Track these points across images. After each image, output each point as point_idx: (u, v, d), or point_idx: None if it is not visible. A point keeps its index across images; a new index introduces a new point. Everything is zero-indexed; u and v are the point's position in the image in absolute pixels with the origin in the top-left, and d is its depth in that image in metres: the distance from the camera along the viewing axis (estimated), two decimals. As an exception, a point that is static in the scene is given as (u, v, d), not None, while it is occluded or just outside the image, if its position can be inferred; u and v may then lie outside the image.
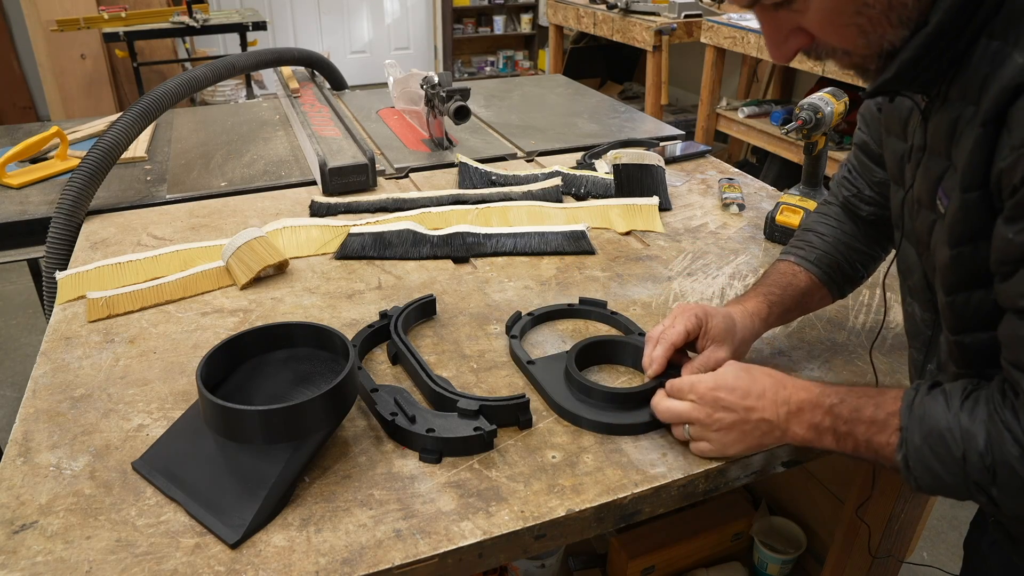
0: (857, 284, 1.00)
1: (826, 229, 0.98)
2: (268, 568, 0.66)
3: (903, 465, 0.68)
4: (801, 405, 0.75)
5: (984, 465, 0.63)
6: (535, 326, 1.05)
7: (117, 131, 1.35)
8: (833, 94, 1.22)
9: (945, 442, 0.65)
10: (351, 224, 1.29)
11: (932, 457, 0.66)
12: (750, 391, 0.77)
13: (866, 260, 0.98)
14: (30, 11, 3.99)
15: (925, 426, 0.66)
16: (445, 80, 1.59)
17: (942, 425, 0.65)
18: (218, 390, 0.80)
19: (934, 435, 0.65)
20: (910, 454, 0.67)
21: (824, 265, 0.96)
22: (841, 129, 3.32)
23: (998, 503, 0.64)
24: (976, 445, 0.63)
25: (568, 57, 5.13)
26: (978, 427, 0.64)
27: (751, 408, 0.76)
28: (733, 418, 0.77)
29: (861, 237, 0.97)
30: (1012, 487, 0.62)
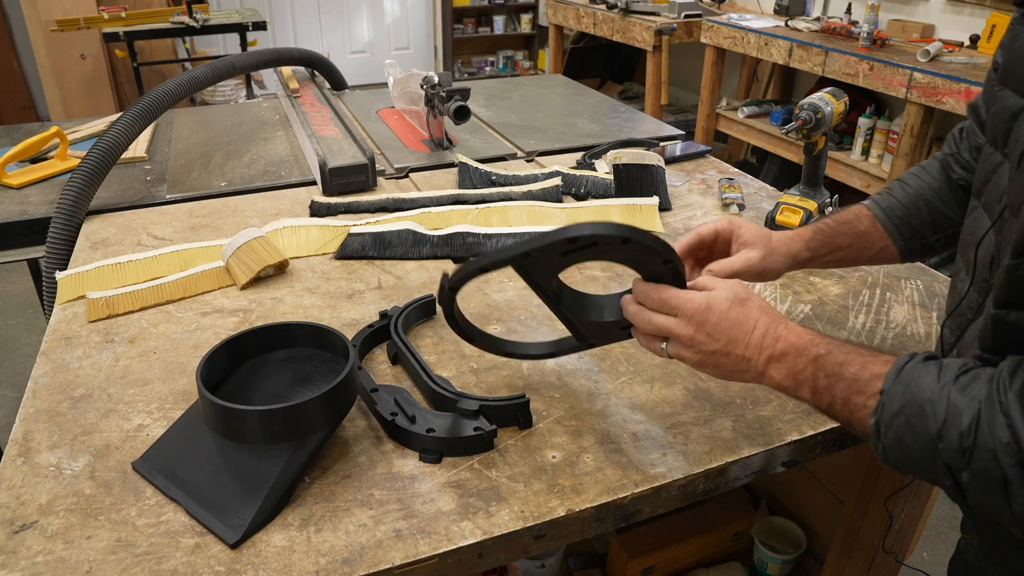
0: (933, 251, 0.93)
1: (914, 181, 0.93)
2: (268, 568, 0.66)
3: (873, 431, 0.63)
4: (786, 350, 0.69)
5: (961, 447, 0.57)
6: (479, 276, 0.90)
7: (117, 131, 1.35)
8: (833, 94, 1.22)
9: (924, 414, 0.59)
10: (351, 224, 1.29)
11: (905, 428, 0.61)
12: (740, 323, 0.71)
13: (947, 224, 0.90)
14: (30, 11, 3.99)
15: (908, 394, 0.61)
16: (445, 80, 1.59)
17: (925, 396, 0.60)
18: (218, 390, 0.80)
19: (914, 405, 0.60)
20: (883, 420, 0.62)
21: (894, 215, 0.91)
22: (841, 129, 3.33)
23: (965, 491, 0.58)
24: (958, 423, 0.57)
25: (568, 57, 5.13)
26: (968, 404, 0.58)
27: (735, 341, 0.71)
28: (714, 347, 0.71)
29: (949, 200, 0.90)
30: (987, 477, 0.56)
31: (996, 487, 0.55)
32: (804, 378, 0.68)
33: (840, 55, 3.10)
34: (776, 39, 3.40)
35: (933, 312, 1.09)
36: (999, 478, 0.55)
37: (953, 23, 3.26)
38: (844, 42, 3.23)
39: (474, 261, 0.77)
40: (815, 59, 3.22)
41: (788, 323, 0.71)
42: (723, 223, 0.88)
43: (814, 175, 1.29)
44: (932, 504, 1.14)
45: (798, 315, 1.08)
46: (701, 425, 0.85)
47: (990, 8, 3.06)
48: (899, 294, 1.14)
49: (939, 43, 2.95)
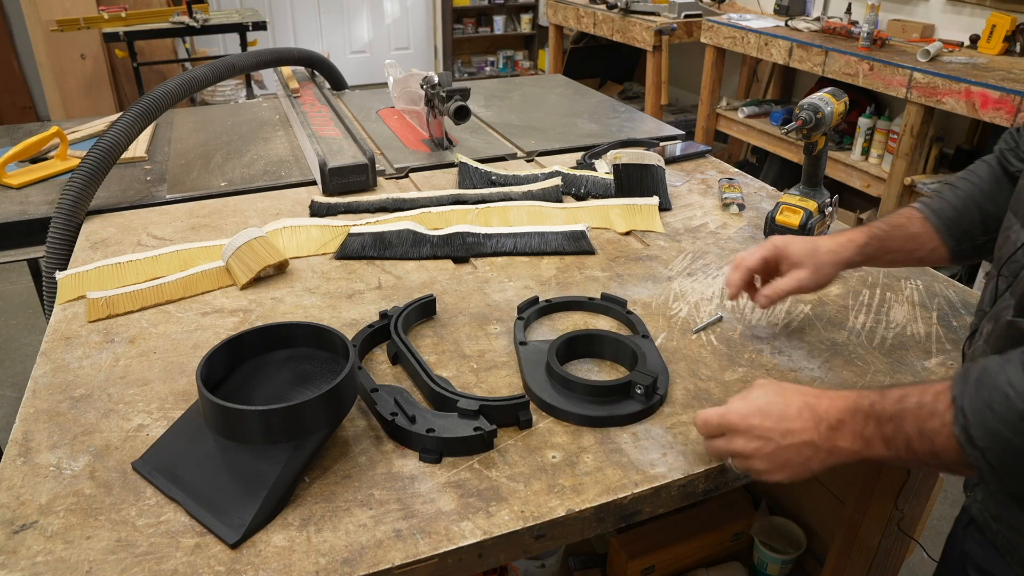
0: (981, 252, 0.93)
1: (963, 185, 0.94)
2: (268, 568, 0.66)
3: (964, 440, 0.59)
4: (841, 415, 0.69)
5: None
6: (549, 314, 1.07)
7: (117, 131, 1.35)
8: (833, 94, 1.22)
9: (1007, 396, 0.57)
10: (351, 224, 1.29)
11: (994, 419, 0.57)
12: (785, 414, 0.71)
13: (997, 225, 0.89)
14: (30, 11, 3.99)
15: (983, 387, 0.59)
16: (445, 80, 1.59)
17: (1000, 379, 0.58)
18: (218, 390, 0.80)
19: (994, 391, 0.58)
20: (970, 424, 0.59)
21: (945, 216, 0.92)
22: (841, 129, 3.33)
23: None
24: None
25: (568, 57, 5.13)
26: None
27: (789, 432, 0.70)
28: (772, 447, 0.71)
29: (1001, 199, 0.90)
30: None
31: None
32: (870, 434, 0.67)
33: (840, 55, 3.10)
34: (776, 39, 3.40)
35: (933, 312, 1.09)
36: None
37: (953, 23, 3.26)
38: (844, 42, 3.23)
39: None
40: (815, 59, 3.22)
41: (827, 392, 0.72)
42: (768, 249, 0.93)
43: (814, 175, 1.29)
44: (932, 504, 1.14)
45: (798, 315, 1.08)
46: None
47: (990, 8, 3.06)
48: (899, 294, 1.14)
49: (939, 43, 2.95)
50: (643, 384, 0.86)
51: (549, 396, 0.87)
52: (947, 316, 1.08)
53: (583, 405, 0.85)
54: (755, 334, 1.03)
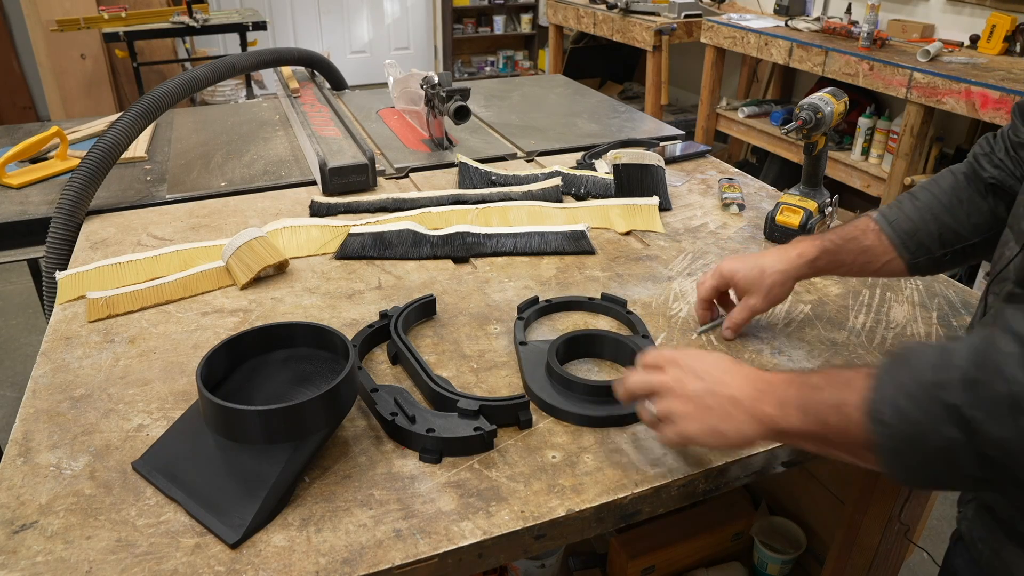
0: (940, 266, 0.92)
1: (924, 196, 0.92)
2: (268, 568, 0.66)
3: (875, 414, 0.57)
4: (774, 382, 0.68)
5: (963, 378, 0.52)
6: (549, 314, 1.07)
7: (117, 131, 1.35)
8: (833, 94, 1.22)
9: (917, 370, 0.55)
10: (351, 224, 1.29)
11: (901, 394, 0.55)
12: (729, 368, 0.72)
13: (955, 239, 0.89)
14: (30, 11, 3.99)
15: (899, 362, 0.57)
16: (445, 80, 1.59)
17: (915, 354, 0.56)
18: (218, 390, 0.80)
19: (905, 366, 0.56)
20: (877, 397, 0.57)
21: (900, 229, 0.91)
22: (841, 129, 3.33)
23: (977, 431, 0.51)
24: (955, 360, 0.53)
25: (568, 57, 5.13)
26: (963, 342, 0.54)
27: (724, 383, 0.70)
28: (701, 387, 0.70)
29: (961, 213, 0.89)
30: (998, 399, 0.50)
31: (1006, 411, 0.49)
32: (791, 401, 0.65)
33: (840, 55, 3.10)
34: (776, 39, 3.40)
35: (933, 312, 1.09)
36: (1006, 396, 0.49)
37: (953, 23, 3.26)
38: (844, 42, 3.23)
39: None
40: (815, 59, 3.22)
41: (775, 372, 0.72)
42: (716, 278, 0.98)
43: (814, 175, 1.29)
44: (932, 504, 1.14)
45: (798, 315, 1.08)
46: (701, 425, 0.85)
47: (990, 8, 3.06)
48: (899, 294, 1.14)
49: (939, 43, 2.95)
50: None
51: (549, 396, 0.87)
52: (947, 316, 1.08)
53: (583, 405, 0.85)
54: (755, 334, 1.03)
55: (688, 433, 0.71)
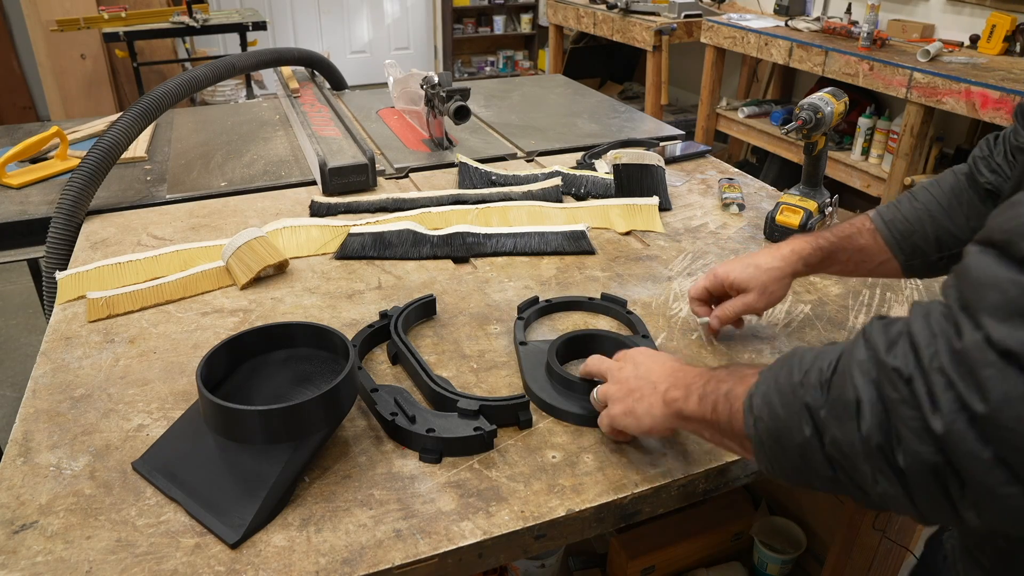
0: (935, 269, 0.91)
1: (923, 196, 0.91)
2: (268, 568, 0.66)
3: (747, 406, 0.60)
4: (690, 372, 0.72)
5: (820, 381, 0.53)
6: (549, 314, 1.07)
7: (117, 131, 1.35)
8: (833, 94, 1.22)
9: (791, 369, 0.56)
10: (351, 224, 1.29)
11: (774, 389, 0.57)
12: (663, 361, 0.76)
13: (952, 243, 0.88)
14: (30, 11, 3.99)
15: (782, 362, 0.59)
16: (445, 80, 1.59)
17: (795, 357, 0.58)
18: (218, 390, 0.80)
19: (784, 365, 0.58)
20: (756, 391, 0.59)
21: (896, 229, 0.90)
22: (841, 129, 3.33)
23: (823, 432, 0.52)
24: (820, 362, 0.54)
25: (568, 57, 5.13)
26: (836, 347, 0.55)
27: (650, 369, 0.75)
28: (631, 372, 0.76)
29: (960, 216, 0.88)
30: (841, 404, 0.51)
31: (848, 414, 0.50)
32: (695, 388, 0.69)
33: (840, 55, 3.10)
34: (776, 39, 3.40)
35: (933, 312, 1.09)
36: (852, 402, 0.50)
37: (953, 23, 3.26)
38: (844, 42, 3.23)
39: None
40: (815, 59, 3.22)
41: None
42: (709, 279, 0.97)
43: (814, 175, 1.29)
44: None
45: (798, 315, 1.08)
46: (701, 425, 0.85)
47: (990, 8, 3.06)
48: (899, 294, 1.14)
49: (939, 43, 2.95)
50: None
51: (549, 396, 0.87)
52: (947, 316, 1.08)
53: (583, 405, 0.85)
54: (755, 334, 1.03)
55: (612, 413, 0.77)
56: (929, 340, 0.47)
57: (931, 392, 0.46)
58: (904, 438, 0.47)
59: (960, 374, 0.45)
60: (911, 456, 0.47)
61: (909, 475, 0.47)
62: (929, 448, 0.46)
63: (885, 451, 0.48)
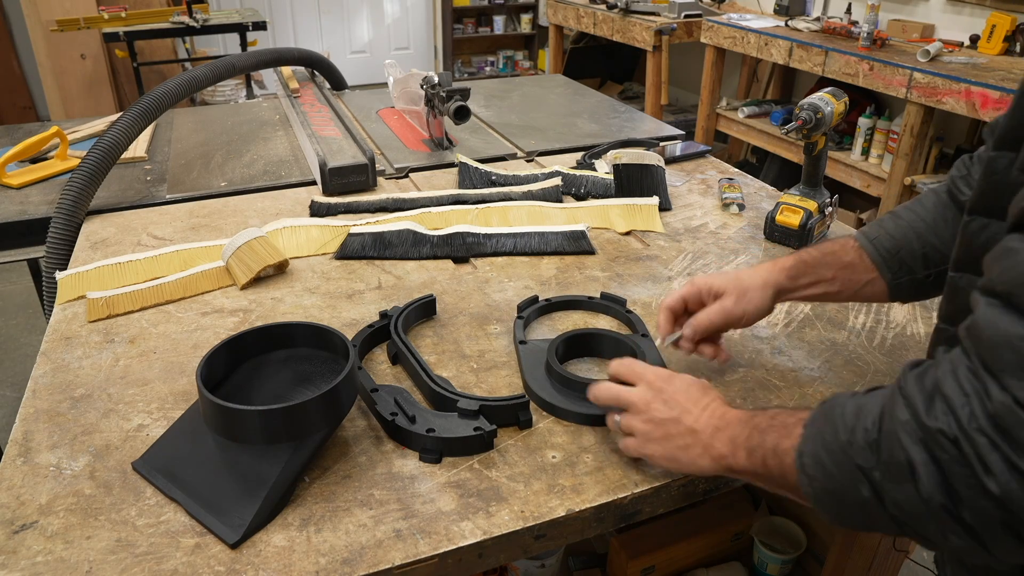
0: (922, 289, 0.88)
1: (906, 215, 0.89)
2: (268, 568, 0.66)
3: (799, 465, 0.60)
4: (728, 420, 0.71)
5: (868, 441, 0.54)
6: (549, 313, 1.07)
7: (117, 131, 1.35)
8: (833, 94, 1.22)
9: (836, 428, 0.57)
10: (351, 224, 1.29)
11: (822, 448, 0.58)
12: (696, 398, 0.74)
13: (939, 259, 0.86)
14: (30, 11, 3.98)
15: (824, 416, 0.60)
16: (445, 80, 1.59)
17: (836, 411, 0.58)
18: (218, 390, 0.80)
19: (828, 422, 0.58)
20: (805, 450, 0.60)
21: (882, 246, 0.88)
22: (841, 129, 3.33)
23: (882, 493, 0.53)
24: (865, 422, 0.55)
25: (568, 57, 5.13)
26: (874, 402, 0.56)
27: (688, 412, 0.73)
28: (667, 415, 0.74)
29: (946, 233, 0.86)
30: (895, 467, 0.52)
31: (904, 475, 0.52)
32: (740, 441, 0.68)
33: (840, 55, 3.10)
34: (776, 39, 3.40)
35: (933, 312, 1.09)
36: (904, 463, 0.51)
37: (953, 23, 3.26)
38: (844, 42, 3.23)
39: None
40: (815, 59, 3.22)
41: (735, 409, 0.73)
42: (686, 288, 0.93)
43: (814, 175, 1.29)
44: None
45: (798, 315, 1.08)
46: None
47: (990, 8, 3.06)
48: (899, 294, 1.14)
49: (939, 43, 2.95)
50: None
51: (549, 395, 0.87)
52: (947, 316, 1.08)
53: (582, 404, 0.85)
54: (755, 334, 1.03)
55: (647, 453, 0.75)
56: (963, 401, 0.49)
57: (979, 454, 0.48)
58: (965, 497, 0.49)
59: (1001, 436, 0.47)
60: (977, 512, 0.49)
61: (979, 529, 0.49)
62: (991, 504, 0.48)
63: (949, 509, 0.50)
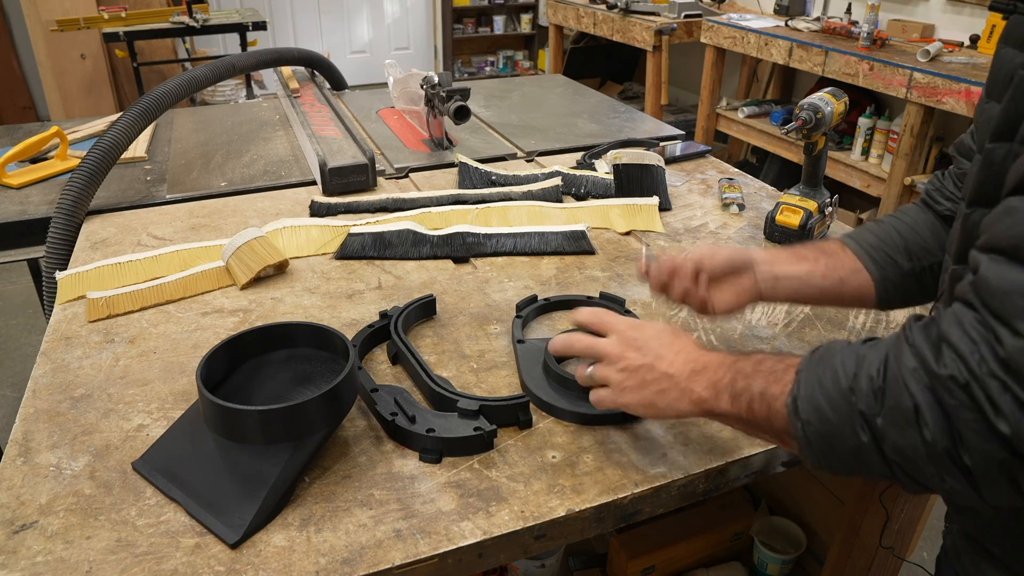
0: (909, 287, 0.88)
1: (887, 219, 0.92)
2: (268, 568, 0.66)
3: (792, 409, 0.61)
4: (707, 363, 0.71)
5: (872, 388, 0.56)
6: (548, 313, 1.07)
7: (117, 131, 1.35)
8: (833, 94, 1.22)
9: (836, 374, 0.59)
10: (351, 224, 1.29)
11: (820, 394, 0.59)
12: (669, 343, 0.74)
13: (923, 253, 0.87)
14: (30, 11, 3.99)
15: (821, 363, 0.61)
16: (445, 80, 1.59)
17: (837, 359, 0.60)
18: (218, 390, 0.80)
19: (827, 368, 0.60)
20: (800, 395, 0.61)
21: (865, 242, 0.90)
22: (841, 129, 3.33)
23: (881, 438, 0.56)
24: (868, 370, 0.57)
25: (568, 57, 5.13)
26: (876, 352, 0.58)
27: (661, 357, 0.72)
28: (641, 361, 0.73)
29: (927, 230, 0.89)
30: (899, 412, 0.54)
31: (908, 421, 0.54)
32: (723, 385, 0.68)
33: (840, 55, 3.10)
34: (776, 39, 3.40)
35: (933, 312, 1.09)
36: (910, 409, 0.53)
37: (953, 23, 3.26)
38: (844, 42, 3.23)
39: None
40: (815, 59, 3.22)
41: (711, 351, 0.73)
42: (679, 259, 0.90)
43: (814, 175, 1.29)
44: (932, 504, 1.14)
45: (798, 315, 1.08)
46: (701, 425, 0.85)
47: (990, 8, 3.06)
48: (899, 294, 1.14)
49: (939, 43, 2.95)
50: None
51: (546, 394, 0.87)
52: (947, 316, 1.08)
53: (580, 403, 0.85)
54: (755, 334, 1.03)
55: (624, 402, 0.74)
56: (971, 348, 0.52)
57: (990, 397, 0.50)
58: (968, 439, 0.51)
59: (1014, 378, 0.49)
60: (978, 455, 0.51)
61: (976, 472, 0.52)
62: (995, 446, 0.50)
63: (951, 453, 0.52)
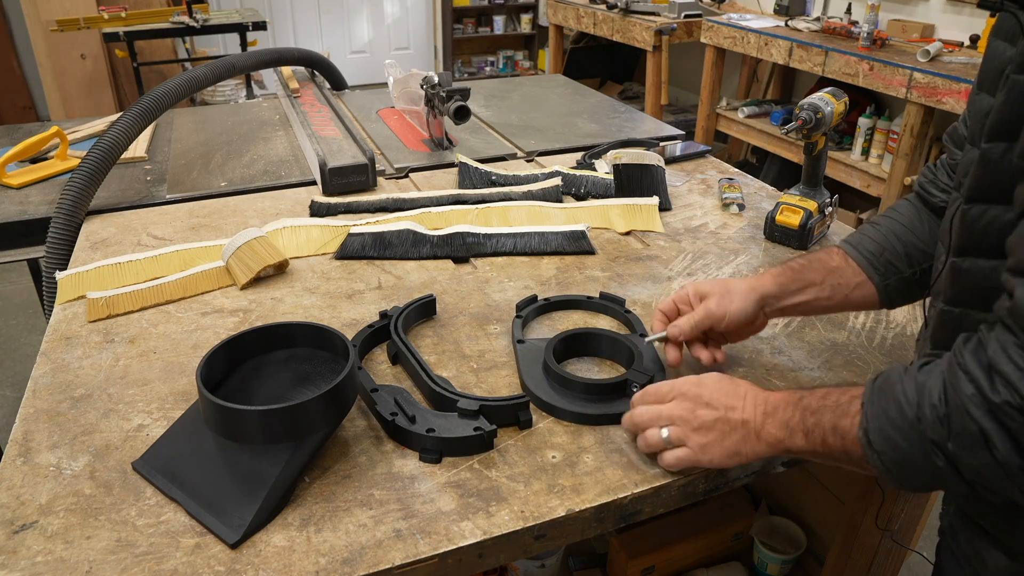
0: (912, 288, 0.90)
1: (884, 221, 0.93)
2: (268, 568, 0.66)
3: (865, 442, 0.64)
4: (776, 404, 0.74)
5: (937, 416, 0.59)
6: (548, 313, 1.07)
7: (117, 131, 1.35)
8: (833, 94, 1.22)
9: (900, 404, 0.62)
10: (351, 224, 1.29)
11: (889, 425, 0.63)
12: (733, 392, 0.77)
13: (922, 257, 0.89)
14: (30, 11, 3.99)
15: (883, 395, 0.64)
16: (445, 80, 1.59)
17: (897, 389, 0.63)
18: (218, 390, 0.80)
19: (890, 400, 0.63)
20: (870, 428, 0.64)
21: (866, 249, 0.91)
22: (841, 129, 3.33)
23: (956, 461, 0.59)
24: (930, 398, 0.60)
25: (568, 57, 5.13)
26: (934, 379, 0.61)
27: (732, 407, 0.75)
28: (714, 416, 0.76)
29: (923, 231, 0.90)
30: (967, 437, 0.58)
31: (978, 444, 0.57)
32: (794, 424, 0.71)
33: (840, 55, 3.10)
34: (776, 39, 3.40)
35: (933, 312, 1.09)
36: (977, 433, 0.57)
37: (953, 23, 3.26)
38: (844, 42, 3.23)
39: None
40: (815, 59, 3.22)
41: (767, 389, 0.77)
42: (679, 292, 0.95)
43: (814, 175, 1.29)
44: (932, 503, 1.14)
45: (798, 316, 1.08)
46: (701, 425, 0.85)
47: (990, 8, 3.06)
48: (899, 294, 1.14)
49: (939, 43, 2.95)
50: (639, 383, 0.86)
51: (546, 394, 0.87)
52: (947, 316, 1.08)
53: (579, 403, 0.86)
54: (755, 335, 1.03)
55: (708, 459, 0.76)
56: (1019, 375, 0.55)
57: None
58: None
59: None
60: None
61: None
62: None
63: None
